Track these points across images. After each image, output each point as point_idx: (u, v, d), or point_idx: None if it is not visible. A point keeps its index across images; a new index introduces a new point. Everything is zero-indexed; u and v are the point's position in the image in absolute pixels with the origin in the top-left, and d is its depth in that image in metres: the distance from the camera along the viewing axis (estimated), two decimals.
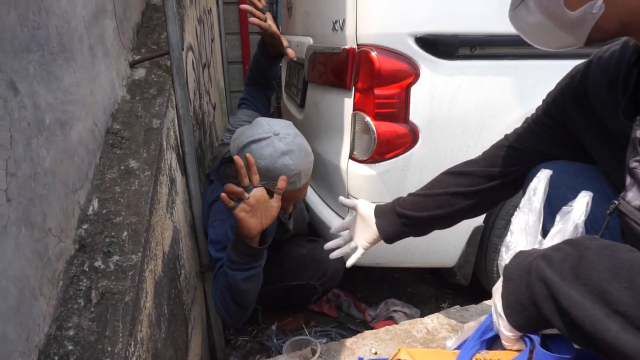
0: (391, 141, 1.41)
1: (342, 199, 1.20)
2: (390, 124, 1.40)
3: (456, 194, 0.99)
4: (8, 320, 0.65)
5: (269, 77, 1.73)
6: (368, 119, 1.40)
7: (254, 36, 3.67)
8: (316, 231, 1.81)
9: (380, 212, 1.09)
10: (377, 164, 1.45)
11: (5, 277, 0.65)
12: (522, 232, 0.67)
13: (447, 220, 1.04)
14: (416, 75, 1.36)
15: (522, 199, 0.74)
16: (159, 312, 1.01)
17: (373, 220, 1.09)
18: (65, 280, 0.83)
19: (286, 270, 1.61)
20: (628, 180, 0.65)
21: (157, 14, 1.62)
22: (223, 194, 1.15)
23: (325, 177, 1.72)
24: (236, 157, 1.19)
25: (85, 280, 0.85)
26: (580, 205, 0.64)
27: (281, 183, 1.18)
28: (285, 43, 1.57)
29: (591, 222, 0.68)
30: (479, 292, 1.81)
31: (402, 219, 1.05)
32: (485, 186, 0.95)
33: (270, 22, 1.56)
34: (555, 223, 0.66)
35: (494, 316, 0.66)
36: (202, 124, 2.08)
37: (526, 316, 0.60)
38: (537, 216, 0.68)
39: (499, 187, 0.95)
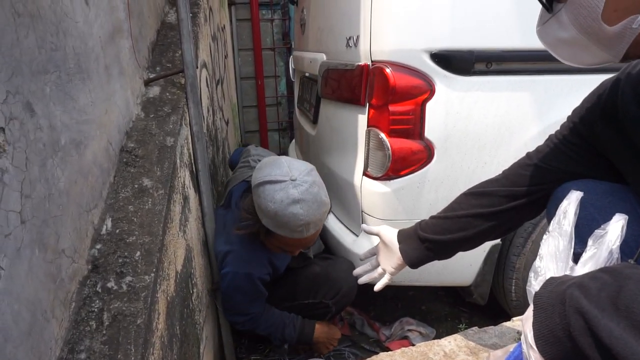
0: (406, 158, 1.39)
1: (364, 226, 1.19)
2: (405, 141, 1.38)
3: (478, 215, 0.96)
4: (20, 345, 0.64)
5: None
6: (382, 135, 1.39)
7: (267, 52, 3.71)
8: (329, 249, 1.78)
9: (403, 237, 1.08)
10: (391, 181, 1.43)
11: (18, 301, 0.64)
12: (552, 258, 0.64)
13: (471, 242, 1.02)
14: (431, 91, 1.35)
15: (552, 222, 0.70)
16: (171, 332, 1.00)
17: (397, 246, 1.07)
18: (77, 301, 0.83)
19: (300, 288, 1.59)
20: None
21: (172, 32, 1.64)
22: None
23: (339, 194, 1.70)
24: None
25: (97, 301, 0.84)
26: (615, 228, 0.61)
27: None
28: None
29: (621, 246, 0.65)
30: (495, 311, 1.77)
31: (426, 243, 1.03)
32: (507, 206, 0.92)
33: None
34: (588, 247, 0.62)
35: (524, 347, 0.63)
36: (215, 140, 2.08)
37: (560, 349, 0.56)
38: (567, 241, 0.65)
39: (523, 207, 0.92)
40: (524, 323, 0.64)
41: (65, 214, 0.81)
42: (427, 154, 1.40)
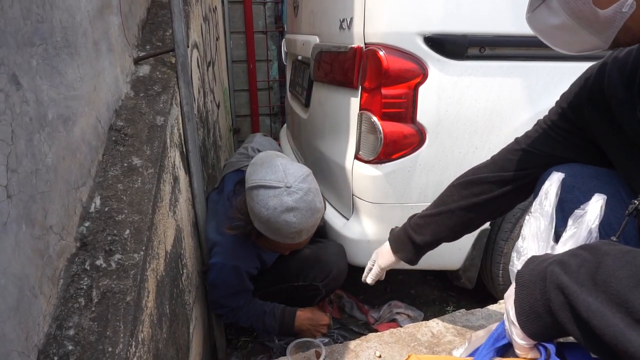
0: (398, 142, 1.39)
1: (366, 278, 1.22)
2: (397, 124, 1.38)
3: (470, 206, 0.97)
4: (7, 320, 0.63)
5: None
6: (375, 118, 1.38)
7: (259, 35, 3.66)
8: (320, 231, 1.79)
9: (398, 243, 1.11)
10: (383, 165, 1.43)
11: (5, 276, 0.64)
12: (534, 238, 0.65)
13: (466, 231, 1.05)
14: (424, 75, 1.34)
15: (534, 203, 0.71)
16: (160, 311, 1.00)
17: (391, 254, 1.12)
18: (66, 278, 0.82)
19: (290, 271, 1.59)
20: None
21: (163, 11, 1.61)
22: None
23: (330, 177, 1.70)
24: None
25: (86, 279, 0.83)
26: (594, 208, 0.62)
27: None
28: None
29: (604, 227, 0.66)
30: (483, 295, 1.79)
31: (423, 247, 1.07)
32: (498, 192, 0.93)
33: None
34: (568, 227, 0.63)
35: (507, 324, 0.64)
36: (206, 122, 2.06)
37: (541, 324, 0.58)
38: (549, 221, 0.66)
39: (512, 192, 0.93)
40: (506, 300, 0.65)
41: (53, 190, 0.80)
42: (418, 138, 1.40)
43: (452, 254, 1.57)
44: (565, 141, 0.86)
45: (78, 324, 0.77)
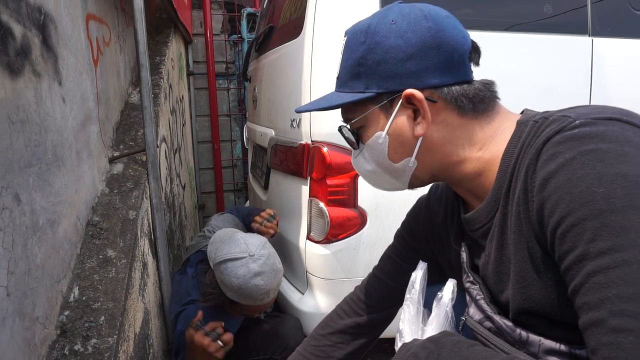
0: (343, 224, 1.60)
1: None
2: (342, 209, 1.59)
3: (352, 354, 1.03)
4: None
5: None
6: (322, 204, 1.59)
7: (223, 118, 3.94)
8: (278, 305, 1.92)
9: None
10: (331, 244, 1.62)
11: None
12: (409, 322, 0.80)
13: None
14: None
15: (406, 292, 0.83)
16: None
17: None
18: None
19: (251, 345, 1.71)
20: (467, 297, 0.80)
21: (135, 112, 1.82)
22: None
23: (286, 255, 1.88)
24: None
25: None
26: (447, 292, 0.78)
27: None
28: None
29: (457, 306, 0.82)
30: None
31: None
32: (373, 333, 1.04)
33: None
34: (432, 309, 0.78)
35: None
36: (172, 206, 2.22)
37: None
38: (417, 307, 0.79)
39: (382, 321, 1.02)
40: None
41: (40, 285, 0.94)
42: (361, 220, 1.62)
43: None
44: (409, 265, 0.94)
45: None
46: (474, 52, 0.75)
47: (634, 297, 0.49)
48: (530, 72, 1.70)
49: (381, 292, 1.02)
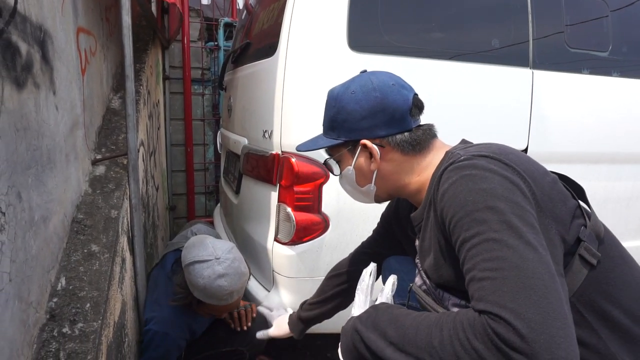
0: (307, 227, 1.76)
1: (259, 334, 1.69)
2: (307, 214, 1.75)
3: (338, 293, 1.45)
4: None
5: None
6: (289, 209, 1.75)
7: (197, 122, 4.04)
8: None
9: (293, 325, 1.56)
10: (296, 246, 1.78)
11: (4, 339, 0.89)
12: (357, 307, 1.03)
13: (340, 307, 1.48)
14: (327, 176, 1.75)
15: (358, 282, 1.10)
16: None
17: (286, 331, 1.59)
18: (38, 344, 1.06)
19: (218, 338, 1.84)
20: (416, 270, 1.07)
21: (115, 117, 1.94)
22: None
23: (255, 255, 2.02)
24: None
25: (54, 343, 1.07)
26: (388, 284, 1.03)
27: None
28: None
29: (400, 293, 1.08)
30: None
31: (309, 322, 1.52)
32: (353, 282, 1.31)
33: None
34: (377, 297, 1.02)
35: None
36: (147, 206, 2.33)
37: (354, 355, 0.92)
38: (365, 295, 1.04)
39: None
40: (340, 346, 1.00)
41: (34, 274, 1.06)
42: (324, 225, 1.78)
43: None
44: (385, 241, 1.37)
45: None
46: (415, 108, 1.02)
47: (490, 259, 0.75)
48: (476, 99, 1.92)
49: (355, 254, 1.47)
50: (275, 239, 1.84)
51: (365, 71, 1.09)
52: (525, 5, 1.98)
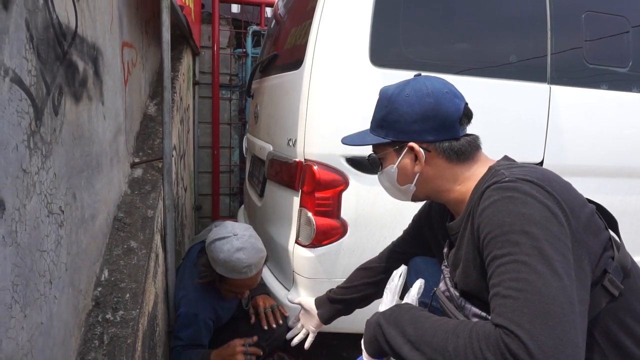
0: (327, 232, 1.87)
1: (289, 298, 1.73)
2: (326, 219, 1.86)
3: (365, 284, 1.50)
4: (57, 350, 1.01)
5: None
6: (310, 214, 1.86)
7: (224, 126, 4.20)
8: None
9: (320, 303, 1.58)
10: (316, 249, 1.89)
11: (60, 320, 1.02)
12: (384, 305, 1.12)
13: (364, 301, 1.53)
14: (346, 184, 1.86)
15: (387, 282, 1.19)
16: (143, 356, 1.36)
17: (315, 311, 1.57)
18: (85, 327, 1.19)
19: (240, 333, 1.96)
20: (442, 276, 1.14)
21: (152, 123, 2.09)
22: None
23: (276, 256, 2.14)
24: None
25: (99, 327, 1.21)
26: (415, 287, 1.11)
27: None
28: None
29: (425, 294, 1.16)
30: None
31: (335, 304, 1.55)
32: (382, 277, 1.42)
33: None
34: (405, 299, 1.11)
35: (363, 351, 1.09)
36: (177, 207, 2.48)
37: (375, 347, 1.02)
38: (393, 295, 1.13)
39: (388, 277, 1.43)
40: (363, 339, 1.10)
41: (83, 265, 1.20)
42: (342, 230, 1.89)
43: None
44: (415, 243, 1.41)
45: (94, 358, 1.14)
46: (465, 118, 1.07)
47: (516, 279, 0.80)
48: (494, 113, 1.99)
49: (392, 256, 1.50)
50: (296, 242, 1.96)
51: (419, 74, 1.12)
52: (545, 21, 2.05)
